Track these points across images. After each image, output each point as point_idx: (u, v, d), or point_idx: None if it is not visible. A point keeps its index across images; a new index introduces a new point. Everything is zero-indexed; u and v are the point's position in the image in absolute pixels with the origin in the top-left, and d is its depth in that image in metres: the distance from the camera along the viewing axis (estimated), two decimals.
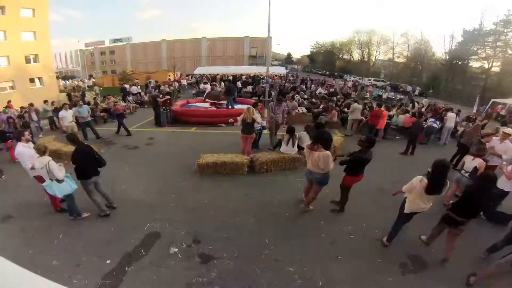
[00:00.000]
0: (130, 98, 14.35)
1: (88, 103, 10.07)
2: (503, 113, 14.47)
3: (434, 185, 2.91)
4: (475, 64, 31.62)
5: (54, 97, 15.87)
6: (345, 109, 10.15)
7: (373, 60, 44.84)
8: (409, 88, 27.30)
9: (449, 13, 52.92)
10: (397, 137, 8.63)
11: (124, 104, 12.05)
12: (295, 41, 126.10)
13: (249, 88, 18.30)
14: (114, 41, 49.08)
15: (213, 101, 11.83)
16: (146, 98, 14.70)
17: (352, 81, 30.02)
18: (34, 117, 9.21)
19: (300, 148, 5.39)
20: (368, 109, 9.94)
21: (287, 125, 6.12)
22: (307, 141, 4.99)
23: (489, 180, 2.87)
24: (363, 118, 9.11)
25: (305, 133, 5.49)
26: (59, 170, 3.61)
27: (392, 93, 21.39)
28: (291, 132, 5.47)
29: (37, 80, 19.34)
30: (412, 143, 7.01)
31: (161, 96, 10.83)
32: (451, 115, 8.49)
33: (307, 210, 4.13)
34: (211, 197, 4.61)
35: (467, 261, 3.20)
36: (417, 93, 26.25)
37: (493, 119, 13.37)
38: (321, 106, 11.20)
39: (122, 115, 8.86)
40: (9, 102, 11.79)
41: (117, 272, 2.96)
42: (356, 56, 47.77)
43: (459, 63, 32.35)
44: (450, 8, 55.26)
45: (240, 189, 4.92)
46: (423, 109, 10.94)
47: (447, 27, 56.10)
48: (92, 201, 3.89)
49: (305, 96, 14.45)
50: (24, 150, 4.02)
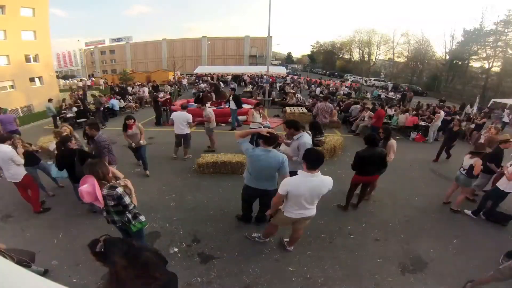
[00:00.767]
0: (130, 98, 14.35)
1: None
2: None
3: None
4: (475, 64, 31.68)
5: (54, 96, 15.89)
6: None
7: (373, 60, 44.82)
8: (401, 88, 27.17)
9: (449, 13, 52.93)
10: (397, 137, 8.64)
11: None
12: (295, 40, 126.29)
13: (249, 88, 18.32)
14: (114, 40, 49.08)
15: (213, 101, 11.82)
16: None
17: (352, 81, 29.99)
18: None
19: None
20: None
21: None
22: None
23: None
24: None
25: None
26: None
27: (392, 93, 21.33)
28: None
29: (37, 80, 19.32)
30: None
31: (161, 95, 10.85)
32: (441, 114, 8.61)
33: None
34: (211, 196, 4.61)
35: (467, 261, 3.21)
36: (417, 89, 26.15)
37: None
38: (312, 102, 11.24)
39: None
40: None
41: None
42: (356, 56, 47.77)
43: (459, 63, 32.36)
44: (450, 8, 55.34)
45: (240, 188, 4.86)
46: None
47: (448, 27, 56.01)
48: None
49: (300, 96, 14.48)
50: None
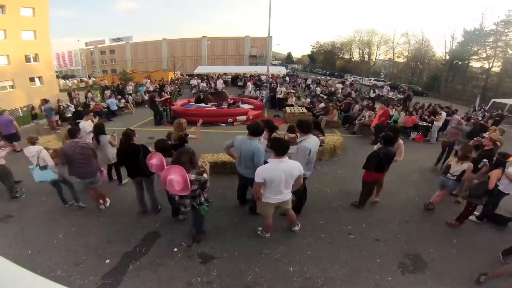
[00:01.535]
0: (130, 98, 14.27)
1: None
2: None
3: None
4: (475, 64, 31.65)
5: (54, 96, 15.88)
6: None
7: (374, 60, 44.82)
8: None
9: (449, 13, 52.92)
10: None
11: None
12: (295, 40, 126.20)
13: (249, 88, 18.26)
14: (114, 40, 49.09)
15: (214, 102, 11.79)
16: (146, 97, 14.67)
17: (352, 81, 29.96)
18: None
19: None
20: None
21: (287, 124, 6.11)
22: None
23: None
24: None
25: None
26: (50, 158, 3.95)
27: (392, 93, 21.16)
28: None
29: (37, 79, 19.33)
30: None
31: (163, 94, 10.84)
32: (443, 115, 8.67)
33: None
34: (211, 196, 4.59)
35: (467, 261, 3.21)
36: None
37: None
38: (319, 106, 11.21)
39: None
40: None
41: (117, 271, 2.97)
42: (356, 56, 47.79)
43: (460, 63, 32.34)
44: (450, 8, 55.34)
45: None
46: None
47: (448, 27, 56.01)
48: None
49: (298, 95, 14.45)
50: None
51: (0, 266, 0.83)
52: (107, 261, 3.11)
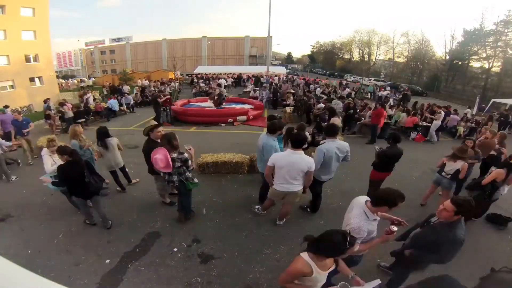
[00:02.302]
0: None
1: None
2: None
3: None
4: (475, 64, 31.64)
5: (54, 96, 15.88)
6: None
7: (373, 60, 44.82)
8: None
9: (449, 13, 52.92)
10: None
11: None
12: (295, 40, 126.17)
13: (249, 88, 18.30)
14: (114, 40, 49.10)
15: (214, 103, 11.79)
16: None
17: (352, 81, 29.93)
18: None
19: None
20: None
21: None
22: None
23: None
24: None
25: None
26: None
27: (391, 94, 20.92)
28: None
29: (37, 79, 19.34)
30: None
31: (162, 95, 10.83)
32: (442, 114, 8.71)
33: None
34: (210, 196, 4.61)
35: (467, 261, 3.20)
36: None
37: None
38: (317, 106, 11.21)
39: None
40: None
41: (117, 271, 2.97)
42: (356, 56, 47.78)
43: (460, 63, 32.34)
44: (450, 8, 55.36)
45: (240, 188, 4.92)
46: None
47: (448, 27, 55.96)
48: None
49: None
50: None
51: (0, 266, 0.83)
52: (107, 261, 3.11)
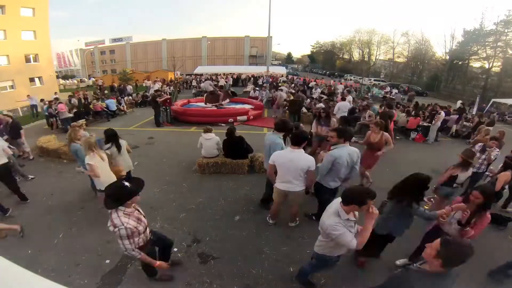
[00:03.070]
0: (125, 98, 14.10)
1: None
2: None
3: None
4: (475, 64, 31.67)
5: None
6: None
7: (374, 60, 44.84)
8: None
9: (449, 13, 52.91)
10: (397, 137, 8.64)
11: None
12: (295, 40, 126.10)
13: (249, 88, 18.28)
14: (114, 40, 49.11)
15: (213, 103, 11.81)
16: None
17: (353, 81, 29.90)
18: None
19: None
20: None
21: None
22: None
23: None
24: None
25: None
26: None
27: (398, 95, 20.52)
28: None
29: (37, 79, 19.34)
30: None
31: (162, 94, 10.82)
32: (442, 115, 8.67)
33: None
34: (211, 196, 4.61)
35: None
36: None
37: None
38: (318, 105, 11.20)
39: None
40: None
41: (117, 271, 2.97)
42: (356, 56, 47.83)
43: (460, 63, 32.36)
44: (450, 8, 55.37)
45: (240, 188, 4.92)
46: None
47: (448, 27, 56.03)
48: None
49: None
50: None
51: (0, 266, 0.83)
52: (107, 261, 3.11)
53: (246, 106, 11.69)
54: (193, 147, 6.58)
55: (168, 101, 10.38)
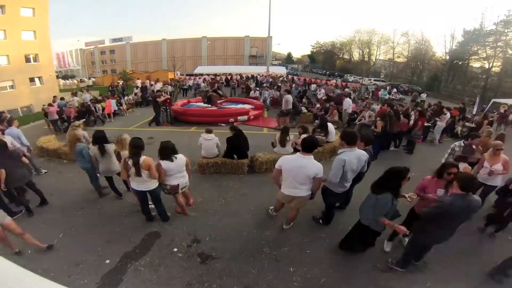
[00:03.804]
0: (125, 99, 14.00)
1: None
2: None
3: None
4: (475, 64, 31.66)
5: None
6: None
7: (374, 60, 44.82)
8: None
9: (449, 13, 52.89)
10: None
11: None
12: (295, 40, 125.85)
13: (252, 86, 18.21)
14: (114, 40, 49.10)
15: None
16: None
17: (352, 81, 29.85)
18: None
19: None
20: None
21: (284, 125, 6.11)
22: None
23: None
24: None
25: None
26: None
27: (399, 96, 20.19)
28: (284, 132, 5.45)
29: (37, 80, 19.33)
30: None
31: (162, 94, 10.81)
32: (447, 115, 8.60)
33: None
34: (211, 196, 4.61)
35: (467, 261, 3.20)
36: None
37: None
38: (317, 105, 11.21)
39: None
40: None
41: (117, 271, 2.97)
42: (356, 56, 47.79)
43: (460, 63, 32.36)
44: (450, 8, 55.36)
45: (240, 188, 4.92)
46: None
47: (448, 27, 55.99)
48: None
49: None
50: None
51: (0, 266, 0.83)
52: (107, 261, 3.11)
53: (246, 106, 11.69)
54: (193, 147, 6.57)
55: (168, 101, 10.38)
